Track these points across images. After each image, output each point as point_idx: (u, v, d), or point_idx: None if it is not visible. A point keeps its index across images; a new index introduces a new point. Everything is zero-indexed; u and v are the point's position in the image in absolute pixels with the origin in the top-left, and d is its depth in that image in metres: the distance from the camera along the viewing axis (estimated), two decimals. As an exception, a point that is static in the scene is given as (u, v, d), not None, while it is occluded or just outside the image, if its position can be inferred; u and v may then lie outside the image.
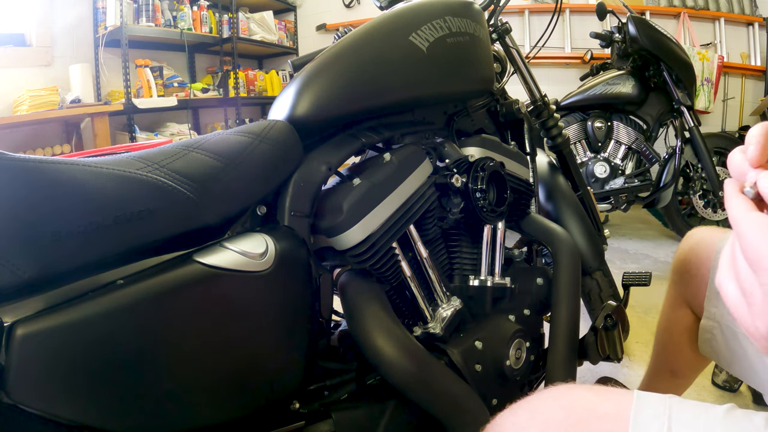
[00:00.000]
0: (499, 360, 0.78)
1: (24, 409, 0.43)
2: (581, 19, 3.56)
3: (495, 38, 1.19)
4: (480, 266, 0.85)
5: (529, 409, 0.44)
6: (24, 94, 2.55)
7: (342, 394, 0.70)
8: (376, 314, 0.67)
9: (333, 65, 0.72)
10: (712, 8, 3.42)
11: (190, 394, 0.53)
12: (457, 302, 0.79)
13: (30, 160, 0.46)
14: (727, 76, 3.43)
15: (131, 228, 0.50)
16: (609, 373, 1.34)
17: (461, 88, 0.89)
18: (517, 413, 0.44)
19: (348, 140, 0.74)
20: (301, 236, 0.64)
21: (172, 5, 3.32)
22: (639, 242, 2.70)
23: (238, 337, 0.57)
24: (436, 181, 0.78)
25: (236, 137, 0.64)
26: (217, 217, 0.57)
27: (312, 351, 0.66)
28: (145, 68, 3.15)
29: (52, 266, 0.45)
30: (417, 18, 0.79)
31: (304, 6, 4.47)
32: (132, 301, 0.49)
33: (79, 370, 0.45)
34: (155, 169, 0.54)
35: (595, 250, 1.15)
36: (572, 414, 0.40)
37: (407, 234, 0.75)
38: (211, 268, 0.54)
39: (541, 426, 0.41)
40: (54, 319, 0.44)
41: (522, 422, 0.43)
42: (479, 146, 0.87)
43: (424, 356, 0.68)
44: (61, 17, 2.90)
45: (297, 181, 0.66)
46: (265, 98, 4.07)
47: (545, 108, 1.24)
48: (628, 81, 2.49)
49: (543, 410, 0.43)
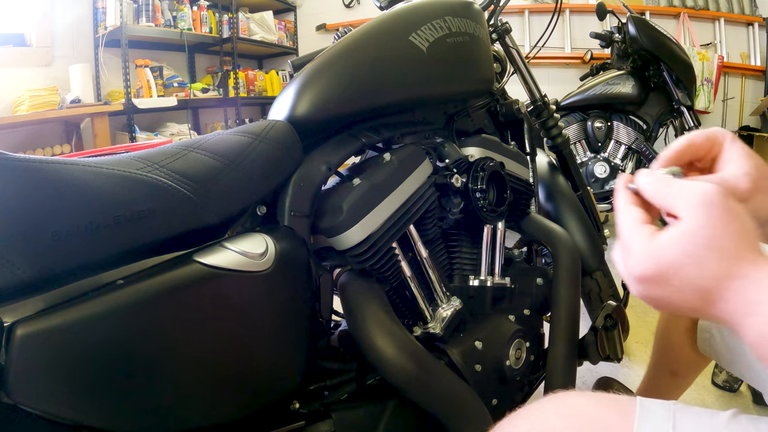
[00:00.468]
0: (499, 360, 0.78)
1: (24, 409, 0.43)
2: (581, 19, 3.56)
3: (495, 38, 1.19)
4: (480, 266, 0.85)
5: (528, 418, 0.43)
6: (24, 94, 2.55)
7: (342, 394, 0.70)
8: (376, 314, 0.67)
9: (333, 65, 0.72)
10: (712, 8, 3.43)
11: (189, 394, 0.53)
12: (457, 302, 0.79)
13: (30, 160, 0.46)
14: (727, 76, 3.43)
15: (131, 228, 0.50)
16: (609, 373, 1.34)
17: (461, 88, 0.89)
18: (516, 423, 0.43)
19: (348, 140, 0.74)
20: (301, 236, 0.64)
21: (172, 5, 3.32)
22: (639, 242, 2.70)
23: (238, 337, 0.57)
24: (436, 181, 0.78)
25: (236, 137, 0.64)
26: (217, 217, 0.57)
27: (312, 351, 0.66)
28: (145, 68, 3.15)
29: (52, 266, 0.45)
30: (417, 18, 0.79)
31: (304, 6, 4.47)
32: (132, 301, 0.49)
33: (79, 370, 0.45)
34: (155, 169, 0.54)
35: (595, 250, 1.15)
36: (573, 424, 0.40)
37: (407, 234, 0.75)
38: (211, 268, 0.54)
39: None
40: (54, 319, 0.44)
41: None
42: (479, 146, 0.87)
43: (423, 356, 0.68)
44: (61, 17, 2.91)
45: (297, 181, 0.66)
46: (265, 98, 4.08)
47: (545, 108, 1.24)
48: (628, 81, 2.49)
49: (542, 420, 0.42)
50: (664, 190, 0.38)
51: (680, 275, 0.35)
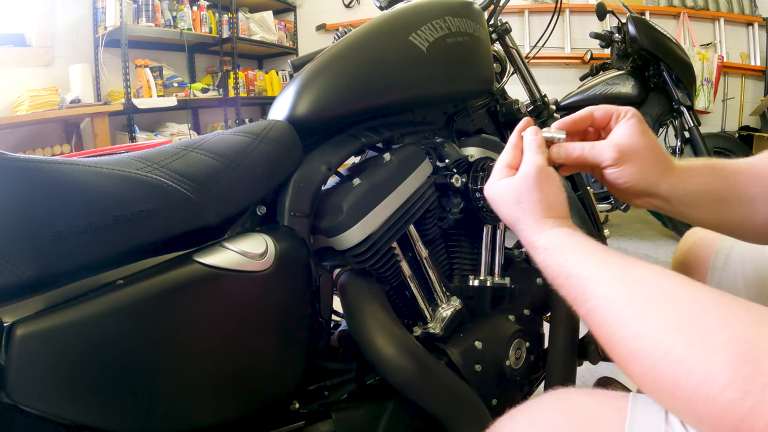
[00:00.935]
0: (499, 360, 0.78)
1: (24, 409, 0.43)
2: (581, 19, 3.56)
3: (495, 38, 1.19)
4: (480, 266, 0.85)
5: (527, 414, 0.45)
6: (24, 94, 2.55)
7: (342, 394, 0.70)
8: (376, 314, 0.67)
9: (333, 65, 0.72)
10: (711, 8, 3.43)
11: (189, 394, 0.53)
12: (457, 302, 0.79)
13: (30, 160, 0.46)
14: (727, 76, 3.43)
15: (131, 228, 0.50)
16: (609, 373, 1.34)
17: (461, 88, 0.89)
18: (516, 419, 0.45)
19: (348, 140, 0.74)
20: (301, 236, 0.64)
21: (172, 5, 3.32)
22: (639, 242, 2.70)
23: (238, 337, 0.57)
24: (436, 181, 0.78)
25: (236, 137, 0.64)
26: (217, 217, 0.57)
27: (312, 351, 0.66)
28: (144, 68, 3.15)
29: (52, 266, 0.45)
30: (417, 18, 0.79)
31: (304, 6, 4.47)
32: (132, 301, 0.49)
33: (79, 370, 0.45)
34: (155, 169, 0.54)
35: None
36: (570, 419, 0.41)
37: (407, 234, 0.75)
38: (211, 268, 0.54)
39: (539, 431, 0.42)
40: (54, 319, 0.44)
41: (521, 428, 0.44)
42: (479, 146, 0.87)
43: (424, 356, 0.68)
44: (61, 17, 2.91)
45: (297, 181, 0.66)
46: (264, 98, 4.08)
47: (545, 108, 1.24)
48: (628, 81, 2.50)
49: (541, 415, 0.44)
50: (528, 148, 0.55)
51: (500, 206, 0.55)
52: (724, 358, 0.32)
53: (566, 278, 0.45)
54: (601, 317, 0.40)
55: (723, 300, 0.35)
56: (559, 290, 0.46)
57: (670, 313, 0.36)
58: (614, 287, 0.40)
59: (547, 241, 0.48)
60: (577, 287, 0.43)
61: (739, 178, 0.54)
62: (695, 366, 0.33)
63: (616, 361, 0.40)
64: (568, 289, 0.45)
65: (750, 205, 0.54)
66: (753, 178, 0.54)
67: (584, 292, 0.42)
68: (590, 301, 0.41)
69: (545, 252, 0.48)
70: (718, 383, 0.31)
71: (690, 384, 0.33)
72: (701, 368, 0.32)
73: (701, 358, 0.33)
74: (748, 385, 0.30)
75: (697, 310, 0.35)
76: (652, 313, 0.37)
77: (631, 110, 0.55)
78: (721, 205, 0.54)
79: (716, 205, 0.55)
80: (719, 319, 0.34)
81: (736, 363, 0.31)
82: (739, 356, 0.31)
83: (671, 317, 0.36)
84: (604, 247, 0.46)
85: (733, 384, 0.31)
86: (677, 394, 0.34)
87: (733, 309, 0.34)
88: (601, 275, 0.42)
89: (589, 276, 0.42)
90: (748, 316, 0.33)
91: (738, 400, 0.30)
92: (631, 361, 0.38)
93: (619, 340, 0.38)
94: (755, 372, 0.30)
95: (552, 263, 0.47)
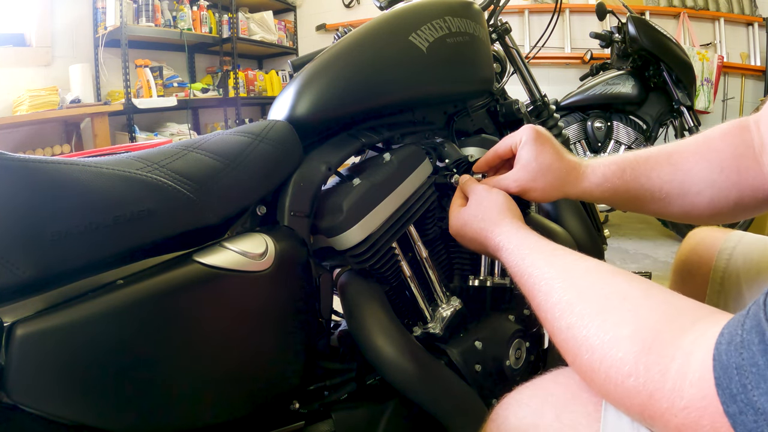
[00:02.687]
0: (499, 360, 0.78)
1: (24, 409, 0.43)
2: (581, 19, 3.56)
3: (495, 38, 1.19)
4: (480, 266, 0.85)
5: (531, 387, 0.49)
6: (24, 94, 2.55)
7: (342, 394, 0.70)
8: (376, 314, 0.67)
9: (333, 65, 0.72)
10: (711, 8, 3.43)
11: (189, 394, 0.53)
12: (457, 302, 0.79)
13: (30, 160, 0.46)
14: (727, 76, 3.43)
15: (131, 228, 0.50)
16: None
17: (461, 88, 0.89)
18: (521, 392, 0.49)
19: (348, 140, 0.74)
20: (301, 236, 0.64)
21: (172, 5, 3.32)
22: (639, 242, 2.70)
23: (238, 337, 0.57)
24: (436, 181, 0.78)
25: (236, 137, 0.64)
26: (217, 217, 0.57)
27: (312, 351, 0.66)
28: (144, 68, 3.15)
29: (52, 266, 0.45)
30: (417, 18, 0.79)
31: (304, 6, 4.47)
32: (132, 301, 0.49)
33: (79, 370, 0.45)
34: (155, 169, 0.54)
35: (595, 250, 1.15)
36: (568, 390, 0.45)
37: (407, 234, 0.75)
38: (211, 268, 0.54)
39: (540, 400, 0.46)
40: (54, 319, 0.44)
41: (524, 399, 0.48)
42: (479, 146, 0.87)
43: (423, 356, 0.68)
44: (61, 17, 2.91)
45: (297, 181, 0.66)
46: (264, 98, 4.08)
47: (545, 108, 1.24)
48: (628, 81, 2.50)
49: (543, 387, 0.48)
50: (466, 187, 0.68)
51: (465, 231, 0.63)
52: (628, 348, 0.35)
53: (520, 276, 0.51)
54: (544, 312, 0.46)
55: (649, 294, 0.39)
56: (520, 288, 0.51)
57: (594, 305, 0.41)
58: (554, 284, 0.46)
59: (506, 240, 0.55)
60: (528, 284, 0.49)
61: (653, 177, 0.60)
62: (605, 354, 0.37)
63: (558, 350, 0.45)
64: (523, 286, 0.50)
65: (664, 201, 0.60)
66: (670, 174, 0.59)
67: (533, 289, 0.48)
68: (537, 297, 0.47)
69: (507, 253, 0.54)
70: (623, 371, 0.35)
71: (602, 369, 0.37)
72: (609, 356, 0.36)
73: (610, 347, 0.37)
74: (648, 373, 0.34)
75: (615, 303, 0.39)
76: (579, 306, 0.42)
77: (525, 134, 0.63)
78: (634, 201, 0.62)
79: (629, 201, 0.62)
80: (632, 311, 0.38)
81: (638, 353, 0.35)
82: (642, 347, 0.35)
83: (593, 309, 0.40)
84: (554, 246, 0.52)
85: (636, 371, 0.34)
86: (594, 378, 0.38)
87: (651, 303, 0.38)
88: (545, 273, 0.47)
89: (537, 274, 0.48)
90: (663, 310, 0.37)
91: (639, 385, 0.34)
92: (564, 350, 0.43)
93: (556, 330, 0.43)
94: (656, 361, 0.34)
95: (512, 264, 0.53)
